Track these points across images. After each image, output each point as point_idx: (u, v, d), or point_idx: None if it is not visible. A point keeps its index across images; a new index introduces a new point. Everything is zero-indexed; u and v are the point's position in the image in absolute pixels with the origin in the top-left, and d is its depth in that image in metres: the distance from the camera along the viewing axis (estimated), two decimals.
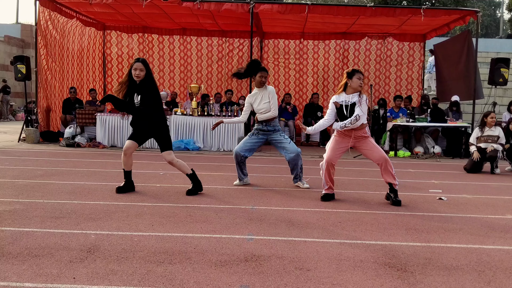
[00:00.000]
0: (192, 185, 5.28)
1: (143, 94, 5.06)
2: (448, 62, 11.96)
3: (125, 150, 5.20)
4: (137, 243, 3.40)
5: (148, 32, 13.51)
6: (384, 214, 4.54)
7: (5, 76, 20.44)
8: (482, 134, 7.88)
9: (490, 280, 2.88)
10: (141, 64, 5.00)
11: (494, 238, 3.80)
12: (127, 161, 5.25)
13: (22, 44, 22.89)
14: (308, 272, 2.93)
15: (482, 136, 7.87)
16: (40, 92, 10.77)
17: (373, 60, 13.58)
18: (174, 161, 5.19)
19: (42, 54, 10.76)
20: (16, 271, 2.81)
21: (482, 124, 7.94)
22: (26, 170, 6.65)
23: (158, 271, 2.87)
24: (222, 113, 10.31)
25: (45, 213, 4.21)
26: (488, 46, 19.81)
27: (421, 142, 10.50)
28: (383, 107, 11.79)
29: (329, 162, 5.11)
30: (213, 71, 13.75)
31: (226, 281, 2.75)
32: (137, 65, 4.99)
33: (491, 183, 6.68)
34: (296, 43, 13.66)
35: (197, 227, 3.87)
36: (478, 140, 7.89)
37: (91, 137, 10.55)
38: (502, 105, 14.02)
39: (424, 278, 2.88)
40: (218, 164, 7.88)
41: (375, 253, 3.33)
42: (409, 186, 6.26)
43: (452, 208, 4.93)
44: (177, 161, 5.22)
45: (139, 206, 4.58)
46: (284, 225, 4.03)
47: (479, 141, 7.88)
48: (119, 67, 13.70)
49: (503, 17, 37.91)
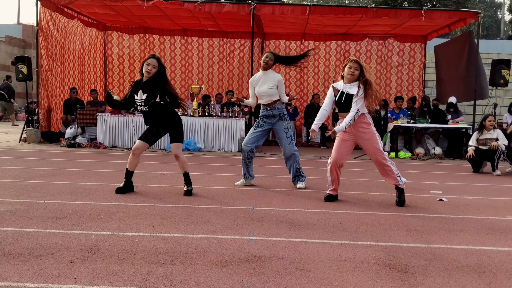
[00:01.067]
0: (187, 185, 5.28)
1: (150, 93, 5.02)
2: (449, 63, 11.96)
3: (134, 150, 5.19)
4: (138, 244, 3.41)
5: (149, 32, 13.53)
6: (385, 215, 4.54)
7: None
8: (480, 137, 7.92)
9: (490, 282, 2.88)
10: (155, 61, 4.99)
11: (494, 240, 3.80)
12: (133, 161, 5.23)
13: (23, 44, 22.89)
14: (309, 273, 2.93)
15: (480, 139, 7.90)
16: (41, 92, 10.77)
17: (373, 61, 13.59)
18: (180, 155, 5.19)
19: (43, 54, 10.77)
20: (17, 272, 2.82)
21: (480, 127, 8.00)
22: (27, 170, 6.66)
23: (159, 272, 2.87)
24: (223, 114, 10.32)
25: (46, 213, 4.21)
26: (489, 48, 19.80)
27: (421, 143, 10.50)
28: (384, 108, 11.80)
29: (334, 162, 5.06)
30: (214, 71, 13.77)
31: (227, 282, 2.75)
32: (150, 61, 4.98)
33: (492, 185, 6.68)
34: (297, 44, 13.66)
35: (198, 228, 3.88)
36: (477, 142, 7.93)
37: (92, 138, 10.55)
38: (503, 107, 14.02)
39: (425, 279, 2.88)
40: (219, 165, 7.89)
41: (375, 254, 3.34)
42: (409, 187, 6.25)
43: (453, 209, 4.93)
44: (183, 156, 5.23)
45: (140, 207, 4.59)
46: (285, 226, 4.03)
47: (478, 144, 7.92)
48: (120, 68, 13.72)
49: (504, 19, 37.92)
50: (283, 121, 5.77)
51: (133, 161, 5.23)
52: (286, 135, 5.76)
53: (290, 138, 5.77)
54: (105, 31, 13.39)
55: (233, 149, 10.07)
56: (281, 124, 5.77)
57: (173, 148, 5.18)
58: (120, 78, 13.77)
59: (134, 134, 10.03)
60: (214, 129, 10.13)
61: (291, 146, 5.75)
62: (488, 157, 7.80)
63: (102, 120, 10.21)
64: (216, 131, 10.13)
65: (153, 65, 4.97)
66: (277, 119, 5.77)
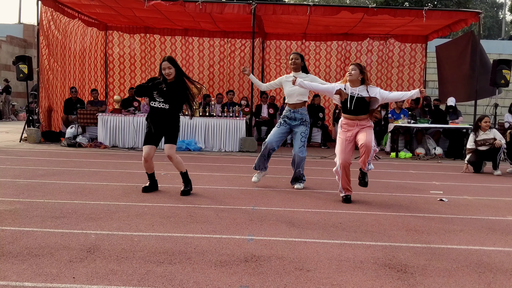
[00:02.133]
0: (185, 185, 5.32)
1: (168, 94, 5.08)
2: (451, 63, 11.93)
3: (146, 157, 5.18)
4: (137, 243, 3.40)
5: (150, 32, 13.54)
6: (385, 215, 4.53)
7: (7, 76, 20.47)
8: (478, 138, 7.90)
9: (490, 282, 2.87)
10: (167, 63, 5.04)
11: (494, 240, 3.80)
12: (148, 166, 5.28)
13: (24, 44, 22.91)
14: (308, 272, 2.93)
15: (478, 140, 7.88)
16: (42, 92, 10.78)
17: (374, 61, 13.58)
18: (173, 156, 5.22)
19: (44, 54, 10.77)
20: (16, 271, 2.81)
21: (475, 129, 7.99)
22: (27, 169, 6.66)
23: (158, 271, 2.87)
24: (223, 114, 10.32)
25: (46, 212, 4.21)
26: (490, 48, 19.72)
27: (422, 144, 10.48)
28: (385, 108, 11.79)
29: (344, 163, 5.08)
30: (214, 71, 13.76)
31: (226, 282, 2.74)
32: (164, 64, 5.05)
33: (492, 185, 6.67)
34: (298, 44, 13.66)
35: (198, 228, 3.87)
36: (476, 144, 7.90)
37: (92, 137, 10.55)
38: (503, 107, 14.00)
39: (424, 279, 2.88)
40: (219, 165, 7.88)
41: (375, 254, 3.33)
42: (410, 187, 6.25)
43: (453, 209, 4.92)
44: (176, 157, 5.26)
45: (139, 206, 4.58)
46: (284, 225, 4.03)
47: (476, 145, 7.90)
48: (121, 67, 13.73)
49: (505, 19, 37.86)
50: (303, 126, 5.85)
51: (148, 166, 5.28)
52: (301, 139, 5.82)
53: (303, 143, 5.83)
54: (106, 30, 13.40)
55: (234, 149, 10.06)
56: (301, 128, 5.84)
57: (167, 148, 5.20)
58: (121, 78, 13.78)
59: (134, 134, 10.03)
60: (215, 129, 10.13)
61: (301, 151, 5.80)
62: (489, 156, 7.79)
63: (103, 119, 10.21)
64: (216, 131, 10.13)
65: (168, 67, 5.03)
66: (298, 122, 5.84)
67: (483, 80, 10.56)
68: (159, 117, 5.17)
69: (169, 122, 5.20)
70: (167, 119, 5.18)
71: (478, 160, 7.87)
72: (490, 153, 7.74)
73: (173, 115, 5.20)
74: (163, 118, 5.16)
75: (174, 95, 5.11)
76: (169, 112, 5.15)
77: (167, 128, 5.21)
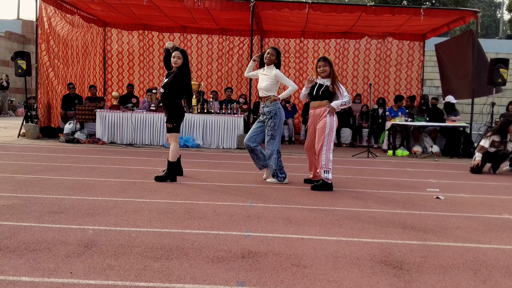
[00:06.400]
0: (165, 171, 5.72)
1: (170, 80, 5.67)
2: (453, 60, 11.91)
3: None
4: (135, 239, 3.41)
5: (149, 29, 13.50)
6: (381, 212, 4.55)
7: (5, 72, 20.41)
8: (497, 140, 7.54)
9: (486, 279, 2.89)
10: (179, 53, 5.65)
11: (490, 237, 3.82)
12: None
13: (23, 40, 22.86)
14: (305, 269, 2.94)
15: (496, 141, 7.54)
16: (40, 88, 10.77)
17: (372, 59, 13.59)
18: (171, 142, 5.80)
19: (43, 50, 10.75)
20: (13, 265, 2.82)
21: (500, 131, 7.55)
22: (25, 165, 6.66)
23: (155, 267, 2.88)
24: (221, 111, 10.32)
25: (43, 208, 4.22)
26: (488, 47, 19.75)
27: (419, 142, 10.51)
28: (382, 106, 11.82)
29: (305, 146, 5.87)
30: (213, 69, 13.76)
31: (223, 277, 2.76)
32: (175, 53, 5.64)
33: (488, 183, 6.70)
34: (297, 41, 13.66)
35: (195, 224, 3.88)
36: (492, 144, 7.56)
37: (90, 133, 10.55)
38: (500, 106, 14.02)
39: (420, 276, 2.90)
40: (217, 161, 7.89)
41: (371, 250, 3.35)
42: (406, 185, 6.27)
43: (449, 207, 4.94)
44: (173, 144, 5.76)
45: (137, 202, 4.59)
46: (281, 222, 4.04)
47: (492, 146, 7.57)
48: (119, 64, 13.70)
49: (503, 18, 37.92)
50: (271, 119, 5.83)
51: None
52: (267, 133, 5.86)
53: (270, 136, 5.82)
54: (105, 27, 13.36)
55: (232, 146, 10.07)
56: (269, 122, 5.85)
57: (168, 136, 5.89)
58: (119, 74, 13.76)
59: (132, 130, 10.02)
60: (213, 126, 10.13)
61: (269, 145, 5.84)
62: (495, 159, 7.62)
63: (101, 116, 10.20)
64: (214, 128, 10.13)
65: (178, 57, 5.61)
66: (268, 116, 5.86)
67: (482, 79, 10.58)
68: (161, 101, 5.86)
69: (166, 105, 5.76)
70: (165, 102, 5.75)
71: (483, 162, 7.75)
72: (497, 157, 7.62)
73: (169, 99, 5.71)
74: (163, 102, 5.81)
75: (172, 81, 5.65)
76: (165, 96, 5.73)
77: (166, 109, 5.78)
